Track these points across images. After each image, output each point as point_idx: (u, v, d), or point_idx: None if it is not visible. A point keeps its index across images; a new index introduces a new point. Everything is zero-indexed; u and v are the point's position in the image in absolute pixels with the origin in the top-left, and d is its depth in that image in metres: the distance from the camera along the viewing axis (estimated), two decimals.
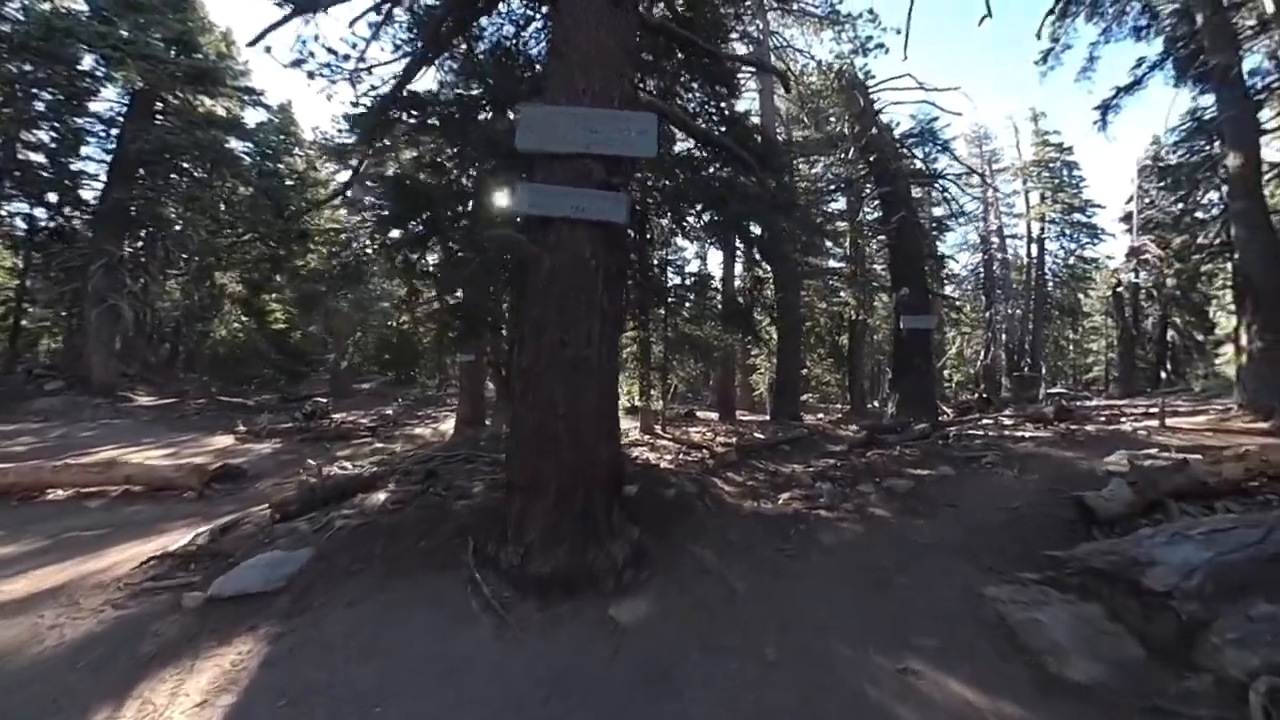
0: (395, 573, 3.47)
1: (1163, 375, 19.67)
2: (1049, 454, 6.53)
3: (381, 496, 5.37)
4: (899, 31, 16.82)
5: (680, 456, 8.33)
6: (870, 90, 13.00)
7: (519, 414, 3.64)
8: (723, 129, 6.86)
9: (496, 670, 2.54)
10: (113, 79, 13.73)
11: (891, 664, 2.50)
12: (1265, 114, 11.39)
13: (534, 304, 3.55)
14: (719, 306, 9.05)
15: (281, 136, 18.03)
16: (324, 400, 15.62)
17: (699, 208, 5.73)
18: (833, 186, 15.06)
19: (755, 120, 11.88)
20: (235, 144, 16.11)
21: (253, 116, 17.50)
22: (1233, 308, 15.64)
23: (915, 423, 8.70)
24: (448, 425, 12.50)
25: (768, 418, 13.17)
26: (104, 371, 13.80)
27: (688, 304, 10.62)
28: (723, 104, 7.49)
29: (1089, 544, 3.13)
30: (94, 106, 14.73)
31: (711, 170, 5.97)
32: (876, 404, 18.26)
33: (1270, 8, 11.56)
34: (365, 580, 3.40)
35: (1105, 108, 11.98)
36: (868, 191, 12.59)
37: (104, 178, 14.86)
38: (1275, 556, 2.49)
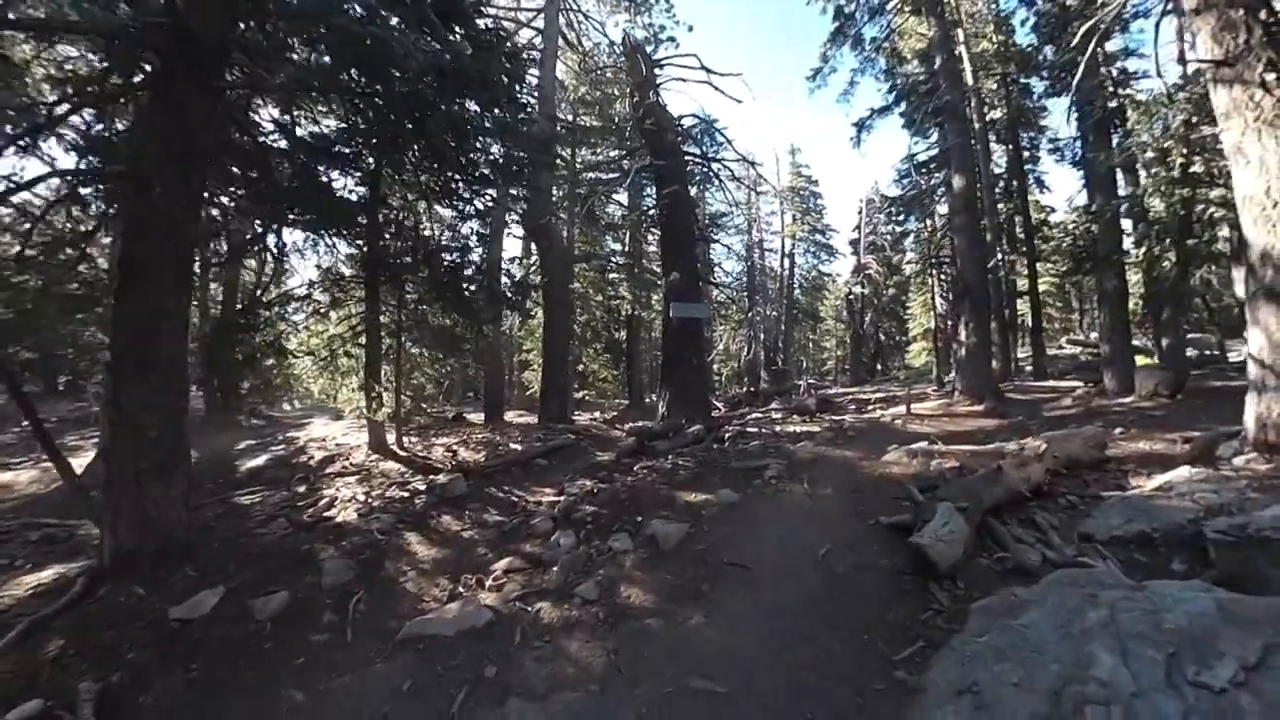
0: None
1: (878, 367, 23.26)
2: (829, 456, 5.68)
3: None
4: (691, 29, 17.09)
5: (392, 490, 5.76)
6: (655, 64, 11.92)
7: None
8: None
9: None
10: None
11: None
12: None
13: None
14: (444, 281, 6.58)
15: None
16: None
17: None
18: (614, 175, 13.72)
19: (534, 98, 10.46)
20: None
21: None
22: (923, 312, 19.13)
23: (688, 424, 7.46)
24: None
25: (537, 420, 11.08)
26: None
27: (420, 277, 7.93)
28: None
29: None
30: None
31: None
32: (654, 398, 17.80)
33: (970, 81, 13.64)
34: None
35: (860, 126, 12.74)
36: (644, 163, 11.28)
37: None
38: None
